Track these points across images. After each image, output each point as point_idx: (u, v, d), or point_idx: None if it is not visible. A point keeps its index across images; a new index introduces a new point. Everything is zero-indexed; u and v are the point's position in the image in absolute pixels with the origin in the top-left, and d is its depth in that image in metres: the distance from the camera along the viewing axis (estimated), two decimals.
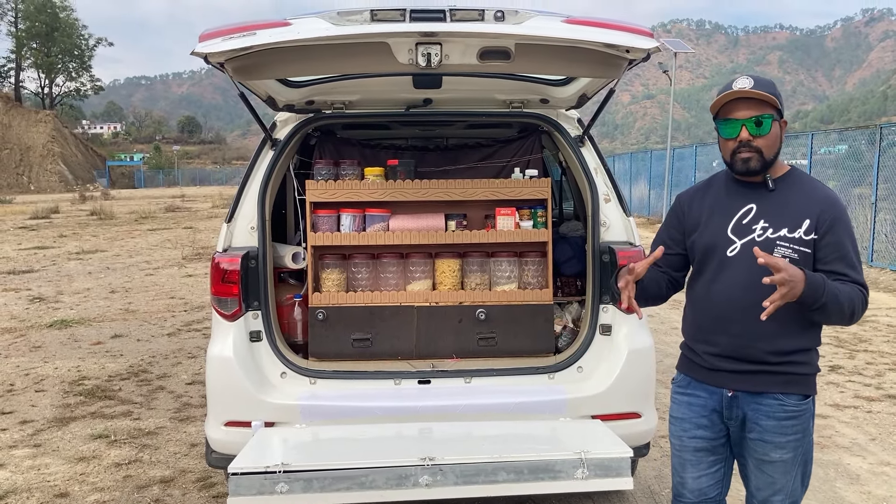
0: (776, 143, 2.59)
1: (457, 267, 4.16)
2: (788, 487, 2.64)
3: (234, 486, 2.84)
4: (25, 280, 13.29)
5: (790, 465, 2.62)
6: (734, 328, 2.60)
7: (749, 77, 2.58)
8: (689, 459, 2.78)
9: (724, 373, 2.65)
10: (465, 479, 2.88)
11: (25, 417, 5.92)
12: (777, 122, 2.58)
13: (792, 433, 2.59)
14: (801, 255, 2.52)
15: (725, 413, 2.69)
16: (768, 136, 2.56)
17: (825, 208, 2.53)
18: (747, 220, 2.61)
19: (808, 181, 2.64)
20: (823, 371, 7.12)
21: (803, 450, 2.63)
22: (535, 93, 4.04)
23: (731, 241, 2.62)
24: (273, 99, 3.91)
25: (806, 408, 2.61)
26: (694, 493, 2.79)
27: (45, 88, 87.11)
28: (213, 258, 3.77)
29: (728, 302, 2.61)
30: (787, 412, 2.58)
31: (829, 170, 16.58)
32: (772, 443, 2.61)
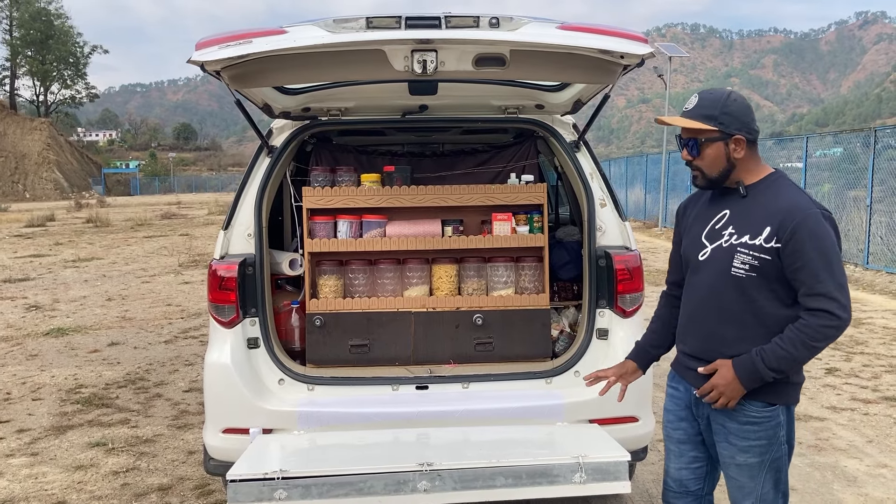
0: (717, 162, 2.62)
1: (454, 272, 4.17)
2: (758, 492, 2.66)
3: (232, 493, 2.84)
4: (21, 288, 13.27)
5: (756, 470, 2.65)
6: (701, 330, 2.70)
7: (698, 95, 2.66)
8: (672, 450, 2.89)
9: (691, 371, 2.73)
10: (464, 484, 2.89)
11: (23, 426, 5.91)
12: (717, 142, 2.60)
13: (755, 438, 2.62)
14: (762, 262, 2.53)
15: (694, 410, 2.79)
16: (703, 157, 2.63)
17: (787, 216, 2.49)
18: (720, 226, 2.67)
19: (781, 188, 2.61)
20: (819, 374, 7.14)
21: (771, 457, 2.64)
22: (530, 98, 4.06)
23: (703, 246, 2.69)
24: (269, 106, 3.92)
25: (770, 415, 2.61)
26: (676, 483, 2.89)
27: (40, 96, 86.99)
28: (210, 265, 3.78)
29: (697, 305, 2.71)
30: (748, 417, 2.62)
31: (825, 172, 16.63)
32: (736, 446, 2.65)
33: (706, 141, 2.60)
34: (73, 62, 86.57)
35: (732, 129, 2.59)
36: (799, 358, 2.47)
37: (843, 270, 2.51)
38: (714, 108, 2.60)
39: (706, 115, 2.60)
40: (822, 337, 2.44)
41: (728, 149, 2.60)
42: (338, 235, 4.14)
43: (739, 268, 2.56)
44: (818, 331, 2.43)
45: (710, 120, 2.59)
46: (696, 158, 2.65)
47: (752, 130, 2.63)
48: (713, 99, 2.62)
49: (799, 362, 2.50)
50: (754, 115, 2.66)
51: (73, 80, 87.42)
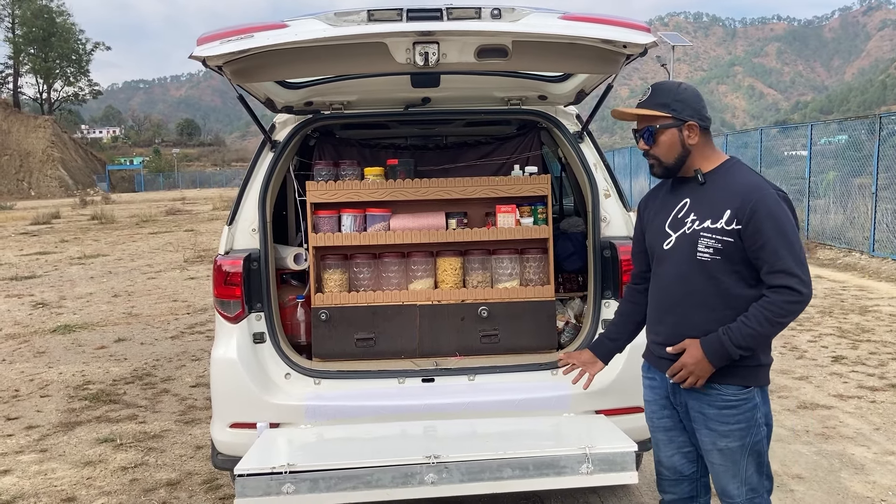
0: (672, 149, 2.69)
1: (458, 265, 4.17)
2: (742, 475, 2.71)
3: (240, 487, 2.85)
4: (28, 286, 13.31)
5: (738, 455, 2.69)
6: (669, 318, 2.75)
7: (650, 88, 2.74)
8: (661, 439, 2.92)
9: (666, 360, 2.76)
10: (471, 476, 2.89)
11: (31, 423, 5.94)
12: (671, 129, 2.67)
13: (734, 422, 2.66)
14: (725, 245, 2.59)
15: (672, 399, 2.83)
16: (657, 145, 2.70)
17: (745, 198, 2.57)
18: (682, 214, 2.72)
19: (737, 172, 2.69)
20: (826, 362, 7.13)
21: (752, 440, 2.68)
22: (533, 89, 4.04)
23: (667, 235, 2.75)
24: (272, 101, 3.92)
25: (746, 398, 2.66)
26: (670, 471, 2.92)
27: (43, 94, 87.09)
28: (215, 261, 3.78)
29: (665, 294, 2.76)
30: (726, 401, 2.66)
31: (830, 160, 16.56)
32: (716, 431, 2.69)
33: (660, 128, 2.68)
34: (76, 59, 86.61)
35: (685, 116, 2.67)
36: (764, 334, 2.55)
37: (802, 247, 2.58)
38: (666, 97, 2.68)
39: (659, 103, 2.68)
40: (786, 313, 2.52)
41: (682, 135, 2.68)
42: (342, 229, 4.15)
43: (704, 252, 2.62)
44: (781, 307, 2.51)
45: (662, 107, 2.67)
46: (652, 147, 2.72)
47: (703, 118, 2.70)
48: (665, 89, 2.71)
49: (764, 338, 2.58)
50: (705, 104, 2.74)
51: (76, 77, 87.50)
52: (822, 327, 8.64)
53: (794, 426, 5.46)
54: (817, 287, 11.40)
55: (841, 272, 12.98)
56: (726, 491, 2.76)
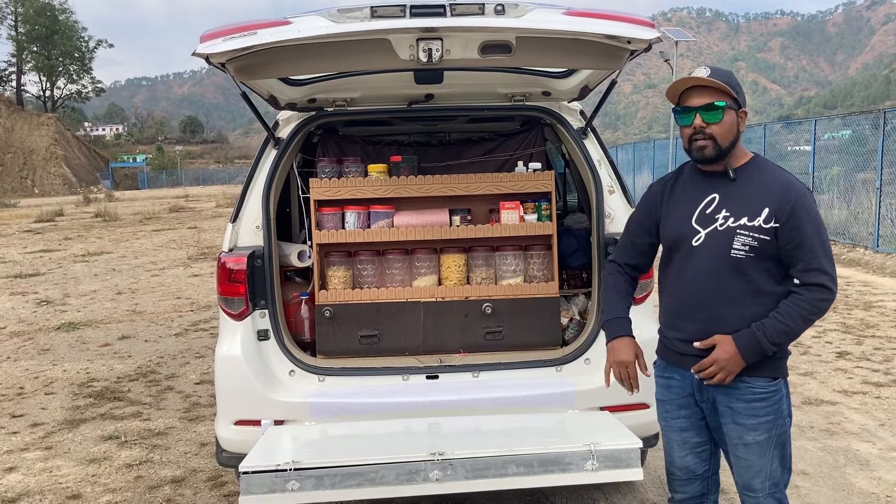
0: (731, 131, 2.64)
1: (462, 262, 4.17)
2: (767, 470, 2.70)
3: (245, 484, 2.85)
4: (32, 283, 13.33)
5: (765, 448, 2.68)
6: (698, 315, 2.70)
7: (707, 67, 2.65)
8: (675, 440, 2.89)
9: (693, 357, 2.72)
10: (476, 473, 2.89)
11: (36, 420, 5.95)
12: (733, 110, 2.63)
13: (763, 415, 2.66)
14: (761, 243, 2.59)
15: (697, 396, 2.79)
16: (721, 123, 2.61)
17: (784, 196, 2.57)
18: (710, 210, 2.68)
19: (770, 169, 2.69)
20: (831, 358, 7.12)
21: (777, 432, 2.69)
22: (536, 85, 4.03)
23: (696, 231, 2.70)
24: (275, 98, 3.91)
25: (775, 389, 2.67)
26: (683, 471, 2.90)
27: (46, 91, 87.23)
28: (219, 258, 3.78)
29: (694, 290, 2.71)
30: (755, 394, 2.66)
31: (833, 155, 16.52)
32: (744, 425, 2.68)
33: (727, 107, 2.61)
34: (79, 57, 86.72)
35: (742, 104, 2.66)
36: (796, 331, 2.57)
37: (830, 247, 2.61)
38: (729, 78, 2.63)
39: (725, 81, 2.61)
40: (817, 310, 2.55)
41: (739, 120, 2.66)
42: (346, 226, 4.14)
43: (740, 249, 2.60)
44: (815, 304, 2.54)
45: (732, 88, 2.62)
46: (715, 124, 2.61)
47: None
48: (723, 71, 2.66)
49: (795, 335, 2.60)
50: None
51: (79, 74, 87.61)
52: (827, 323, 8.62)
53: (798, 422, 5.45)
54: None
55: (845, 267, 12.94)
56: (750, 485, 2.74)
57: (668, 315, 2.83)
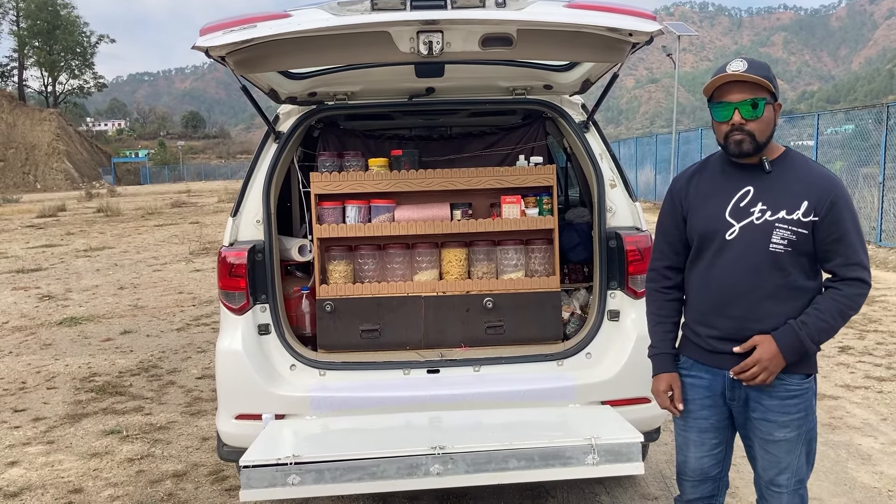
0: (769, 126, 2.58)
1: (463, 256, 4.16)
2: (794, 466, 2.67)
3: (245, 478, 2.85)
4: (34, 278, 13.34)
5: (794, 444, 2.65)
6: (733, 311, 2.63)
7: (743, 59, 2.57)
8: (694, 440, 2.82)
9: (726, 355, 2.66)
10: (476, 467, 2.89)
11: (38, 414, 5.96)
12: (771, 105, 2.56)
13: (795, 412, 2.63)
14: (799, 237, 2.54)
15: (728, 394, 2.72)
16: (761, 119, 2.55)
17: (824, 189, 2.53)
18: (745, 203, 2.62)
19: (805, 162, 2.64)
20: (833, 352, 7.10)
21: (807, 428, 2.66)
22: (538, 79, 4.02)
23: (729, 225, 2.62)
24: (275, 91, 3.90)
25: (808, 386, 2.64)
26: (696, 473, 2.85)
27: (48, 87, 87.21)
28: (219, 252, 3.78)
29: (727, 285, 2.63)
30: (789, 391, 2.62)
31: (836, 150, 16.48)
32: (775, 422, 2.64)
33: (767, 102, 2.55)
34: (81, 52, 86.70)
35: (777, 95, 2.59)
36: (836, 327, 2.53)
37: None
38: (766, 71, 2.56)
39: (764, 75, 2.53)
40: (856, 305, 2.53)
41: (775, 114, 2.61)
42: (346, 221, 4.13)
43: (778, 243, 2.55)
44: (854, 299, 2.52)
45: (770, 81, 2.55)
46: (754, 120, 2.54)
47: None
48: (760, 63, 2.57)
49: (835, 332, 2.56)
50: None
51: (81, 69, 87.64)
52: None
53: None
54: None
55: None
56: (775, 481, 2.70)
57: (699, 312, 2.74)
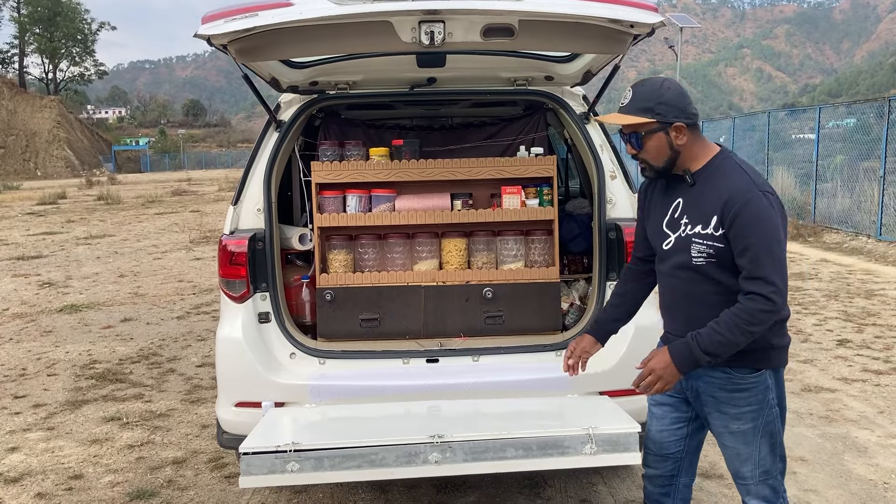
0: (662, 151, 2.63)
1: (463, 246, 4.17)
2: (755, 457, 2.71)
3: (245, 465, 2.87)
4: (35, 265, 13.36)
5: (751, 436, 2.70)
6: (677, 313, 2.78)
7: (631, 90, 2.64)
8: (655, 413, 2.94)
9: None
10: (475, 455, 2.90)
11: (38, 401, 5.98)
12: (658, 132, 2.60)
13: (745, 405, 2.67)
14: (717, 251, 2.57)
15: (683, 384, 2.81)
16: (645, 150, 2.64)
17: (728, 201, 2.51)
18: (677, 215, 2.70)
19: (724, 172, 2.61)
20: (831, 345, 7.12)
21: (764, 421, 2.69)
22: (539, 70, 4.01)
23: (666, 235, 2.72)
24: (277, 80, 3.90)
25: (758, 381, 2.66)
26: (655, 445, 2.95)
27: (49, 74, 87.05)
28: (220, 241, 3.78)
29: (669, 290, 2.78)
30: (736, 385, 2.67)
31: (837, 144, 16.47)
32: (727, 414, 2.70)
33: (647, 133, 2.61)
34: (82, 39, 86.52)
35: (670, 118, 2.58)
36: (734, 342, 2.50)
37: (784, 255, 2.51)
38: (649, 100, 2.59)
39: (642, 108, 2.59)
40: (757, 321, 2.47)
41: (669, 137, 2.61)
42: (347, 210, 4.14)
43: (697, 258, 2.61)
44: (753, 315, 2.47)
45: (646, 112, 2.59)
46: (640, 152, 2.66)
47: (690, 115, 2.61)
48: (647, 91, 2.62)
49: (734, 346, 2.51)
50: (690, 100, 2.64)
51: (82, 57, 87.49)
52: (828, 311, 8.63)
53: (798, 409, 5.47)
54: (823, 270, 11.38)
55: (847, 256, 12.94)
56: (739, 473, 2.77)
57: (662, 306, 2.91)
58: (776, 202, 2.54)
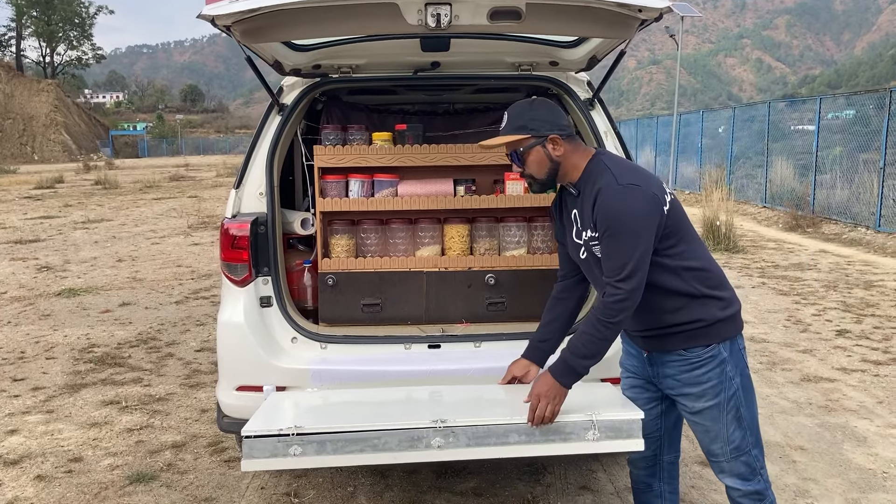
0: (541, 166, 2.77)
1: (466, 232, 4.15)
2: (723, 434, 2.77)
3: (247, 448, 2.85)
4: (32, 249, 13.32)
5: (717, 411, 2.75)
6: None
7: (506, 114, 2.81)
8: (627, 398, 3.03)
9: (638, 338, 2.91)
10: (477, 441, 2.88)
11: (37, 384, 5.97)
12: (536, 147, 2.74)
13: (706, 380, 2.73)
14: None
15: (649, 371, 2.91)
16: (527, 166, 2.79)
17: (594, 204, 2.64)
18: (579, 225, 2.80)
19: (594, 175, 2.71)
20: (830, 335, 7.13)
21: (727, 395, 2.74)
22: (544, 55, 3.98)
23: (579, 246, 2.82)
24: (280, 63, 3.87)
25: (712, 354, 2.72)
26: None
27: (46, 57, 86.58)
28: (222, 224, 3.76)
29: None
30: (692, 363, 2.74)
31: (836, 135, 16.44)
32: (691, 394, 2.78)
33: (525, 150, 2.76)
34: (79, 23, 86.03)
35: (544, 131, 2.73)
36: (602, 337, 2.63)
37: (636, 245, 2.57)
38: (521, 118, 2.76)
39: (517, 126, 2.76)
40: (613, 312, 2.59)
41: (547, 150, 2.74)
42: (349, 195, 4.12)
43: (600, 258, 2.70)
44: (608, 307, 2.60)
45: (520, 130, 2.75)
46: (524, 168, 2.80)
47: (563, 127, 2.77)
48: (518, 110, 2.79)
49: (606, 341, 2.64)
50: (561, 112, 2.82)
51: (79, 41, 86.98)
52: (827, 301, 8.64)
53: (797, 399, 5.48)
54: (822, 261, 11.39)
55: (846, 247, 12.94)
56: (710, 451, 2.84)
57: None
58: (641, 194, 2.60)
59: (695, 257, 2.74)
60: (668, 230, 2.67)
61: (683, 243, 2.72)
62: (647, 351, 2.89)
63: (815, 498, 4.02)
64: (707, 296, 2.72)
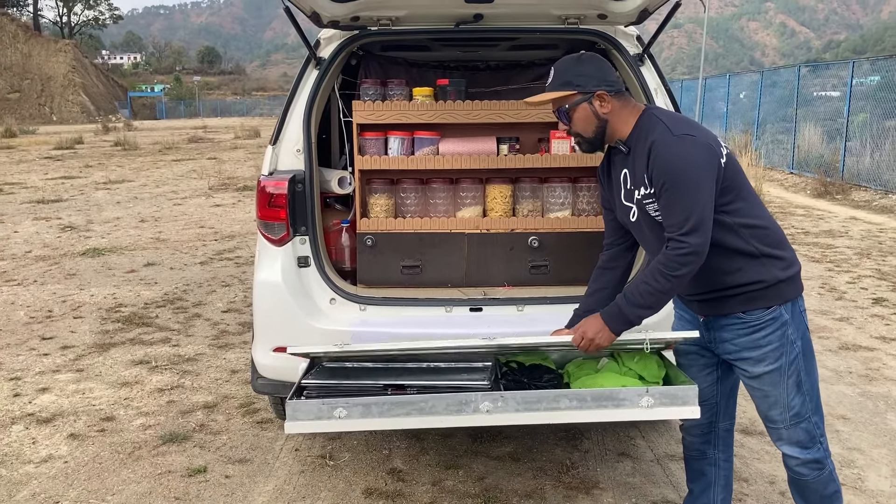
0: (589, 122, 2.68)
1: (508, 193, 4.03)
2: (783, 399, 2.67)
3: (291, 410, 2.78)
4: (55, 209, 13.31)
5: (778, 376, 2.65)
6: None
7: (552, 69, 2.71)
8: (682, 363, 2.94)
9: (694, 302, 2.80)
10: (527, 406, 2.80)
11: (66, 343, 5.95)
12: (583, 104, 2.65)
13: (766, 344, 2.63)
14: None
15: (705, 336, 2.79)
16: (573, 123, 2.70)
17: (648, 159, 2.54)
18: (629, 185, 2.69)
19: (646, 130, 2.60)
20: (867, 304, 6.99)
21: (788, 359, 2.64)
22: (593, 7, 3.80)
23: (629, 208, 2.73)
24: (318, 14, 3.72)
25: (773, 316, 2.62)
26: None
27: (63, 17, 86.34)
28: (258, 181, 3.67)
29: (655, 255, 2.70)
30: (752, 326, 2.64)
31: (861, 101, 16.08)
32: (750, 358, 2.67)
33: (570, 107, 2.67)
34: None
35: (591, 87, 2.64)
36: (661, 289, 2.55)
37: (698, 197, 2.47)
38: (568, 74, 2.67)
39: (562, 82, 2.67)
40: (676, 266, 2.50)
41: (594, 107, 2.65)
42: (389, 153, 4.00)
43: (655, 215, 2.60)
44: (672, 260, 2.50)
45: (566, 86, 2.66)
46: (570, 126, 2.72)
47: (611, 83, 2.67)
48: (565, 66, 2.70)
49: (664, 293, 2.57)
50: (610, 67, 2.72)
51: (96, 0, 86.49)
52: (861, 269, 8.47)
53: (836, 367, 5.36)
54: (853, 228, 11.18)
55: (877, 214, 12.70)
56: (769, 417, 2.75)
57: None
58: (697, 143, 2.51)
59: (753, 215, 2.62)
60: (726, 185, 2.56)
61: (741, 200, 2.60)
62: (703, 315, 2.78)
63: (861, 468, 3.93)
64: (767, 255, 2.61)
